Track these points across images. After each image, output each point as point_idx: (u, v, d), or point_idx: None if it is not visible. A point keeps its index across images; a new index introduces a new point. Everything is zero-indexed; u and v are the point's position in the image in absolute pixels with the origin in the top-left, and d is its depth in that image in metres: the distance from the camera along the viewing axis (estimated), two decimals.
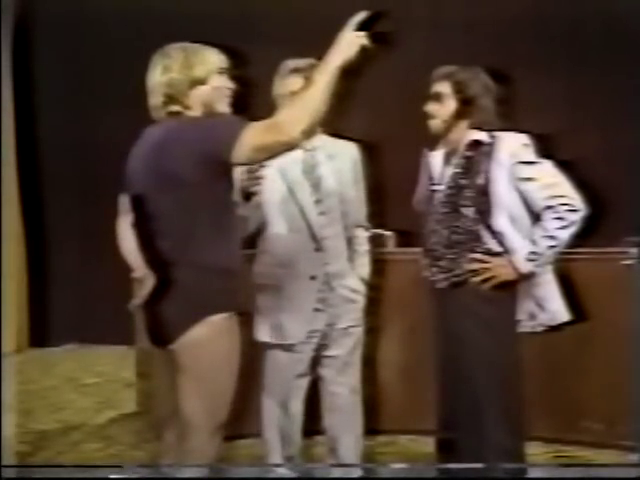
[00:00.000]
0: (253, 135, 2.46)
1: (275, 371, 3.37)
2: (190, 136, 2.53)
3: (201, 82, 2.64)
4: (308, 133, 2.48)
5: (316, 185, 3.33)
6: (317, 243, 3.30)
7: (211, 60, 2.67)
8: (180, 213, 2.55)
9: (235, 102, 2.75)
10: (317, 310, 3.31)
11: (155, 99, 2.67)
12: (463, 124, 3.18)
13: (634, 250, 3.86)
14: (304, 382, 3.40)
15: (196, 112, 2.66)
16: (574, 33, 4.86)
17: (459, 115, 3.17)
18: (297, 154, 3.34)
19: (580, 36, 4.84)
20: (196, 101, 2.65)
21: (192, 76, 2.63)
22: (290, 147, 2.50)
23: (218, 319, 2.56)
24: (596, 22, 4.76)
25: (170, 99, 2.64)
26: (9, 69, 5.98)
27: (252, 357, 3.43)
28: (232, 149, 2.46)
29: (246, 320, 2.77)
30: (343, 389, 3.41)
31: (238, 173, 2.99)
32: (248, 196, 3.09)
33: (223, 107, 2.71)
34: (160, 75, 2.65)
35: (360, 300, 3.40)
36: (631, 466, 3.67)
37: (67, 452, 4.14)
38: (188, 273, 2.56)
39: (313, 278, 3.29)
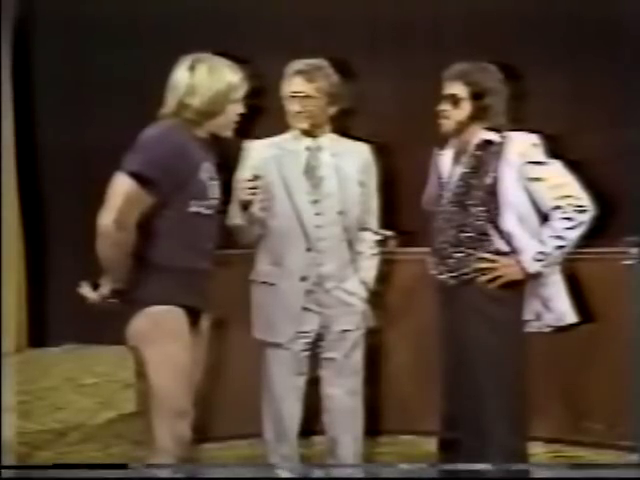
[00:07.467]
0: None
1: (270, 369, 3.37)
2: None
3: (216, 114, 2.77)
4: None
5: (316, 185, 3.32)
6: (310, 243, 3.29)
7: (230, 92, 2.76)
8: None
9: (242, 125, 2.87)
10: (307, 310, 3.31)
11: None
12: (476, 125, 3.18)
13: (634, 250, 3.86)
14: (300, 381, 3.39)
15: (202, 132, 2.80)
16: (578, 33, 4.86)
17: (473, 118, 3.16)
18: (300, 153, 3.34)
19: (584, 36, 4.84)
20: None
21: (210, 110, 2.74)
22: None
23: (155, 310, 2.70)
24: (600, 21, 4.76)
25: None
26: (9, 70, 5.98)
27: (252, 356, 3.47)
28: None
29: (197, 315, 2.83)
30: (339, 391, 3.41)
31: (236, 183, 3.14)
32: (245, 205, 3.13)
33: (227, 133, 2.84)
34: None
35: (358, 304, 3.38)
36: (631, 466, 3.67)
37: (67, 452, 4.13)
38: (141, 269, 2.72)
39: (304, 279, 3.29)
